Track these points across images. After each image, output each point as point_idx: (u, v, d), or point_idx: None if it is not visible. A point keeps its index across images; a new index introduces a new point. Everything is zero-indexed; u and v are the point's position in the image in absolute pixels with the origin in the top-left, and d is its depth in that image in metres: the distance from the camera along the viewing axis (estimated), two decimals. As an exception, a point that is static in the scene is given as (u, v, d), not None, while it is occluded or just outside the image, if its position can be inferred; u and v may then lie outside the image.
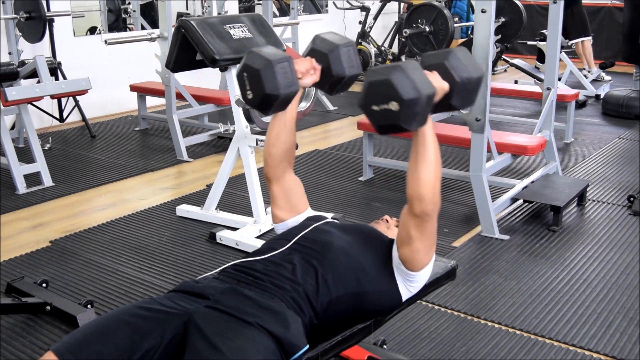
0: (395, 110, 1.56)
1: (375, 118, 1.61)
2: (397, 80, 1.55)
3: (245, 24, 3.50)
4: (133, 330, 1.55)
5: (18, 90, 4.06)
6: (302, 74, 1.87)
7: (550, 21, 4.21)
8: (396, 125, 1.59)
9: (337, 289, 1.73)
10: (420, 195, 1.71)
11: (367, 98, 1.61)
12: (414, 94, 1.55)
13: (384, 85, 1.56)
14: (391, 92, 1.55)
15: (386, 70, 1.59)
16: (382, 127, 1.63)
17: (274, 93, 1.75)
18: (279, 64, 1.75)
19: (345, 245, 1.82)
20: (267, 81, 1.74)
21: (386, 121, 1.59)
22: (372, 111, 1.60)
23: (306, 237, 1.85)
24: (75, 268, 3.13)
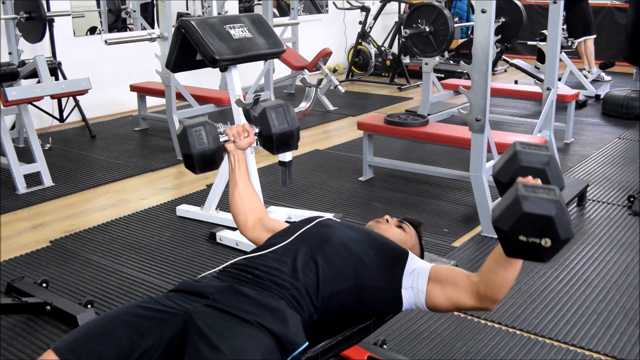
0: (545, 246, 1.44)
1: (518, 247, 1.47)
2: (559, 220, 1.42)
3: (245, 24, 3.49)
4: (133, 330, 1.56)
5: (18, 90, 4.06)
6: (234, 136, 2.08)
7: (550, 21, 4.21)
8: (539, 259, 1.48)
9: (337, 283, 1.73)
10: (498, 300, 1.68)
11: (517, 226, 1.45)
12: (570, 236, 1.44)
13: (543, 222, 1.42)
14: (549, 230, 1.43)
15: (548, 205, 1.43)
16: (519, 255, 1.50)
17: (187, 153, 2.00)
18: (193, 128, 1.99)
19: (346, 239, 1.82)
20: (183, 143, 2.00)
21: (529, 253, 1.47)
22: (517, 241, 1.46)
23: (308, 232, 1.86)
24: (75, 268, 3.13)
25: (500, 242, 1.50)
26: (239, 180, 2.12)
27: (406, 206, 3.90)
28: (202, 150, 2.00)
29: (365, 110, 6.50)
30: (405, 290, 1.80)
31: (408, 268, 1.81)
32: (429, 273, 1.79)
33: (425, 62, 5.67)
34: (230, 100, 3.51)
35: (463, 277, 1.74)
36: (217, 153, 2.04)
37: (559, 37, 4.22)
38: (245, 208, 2.10)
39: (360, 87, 7.80)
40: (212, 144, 2.02)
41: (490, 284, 1.65)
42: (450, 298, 1.75)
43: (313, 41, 7.68)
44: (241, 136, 2.09)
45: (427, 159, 4.72)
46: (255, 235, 2.06)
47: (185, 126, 2.00)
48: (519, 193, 1.44)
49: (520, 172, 1.59)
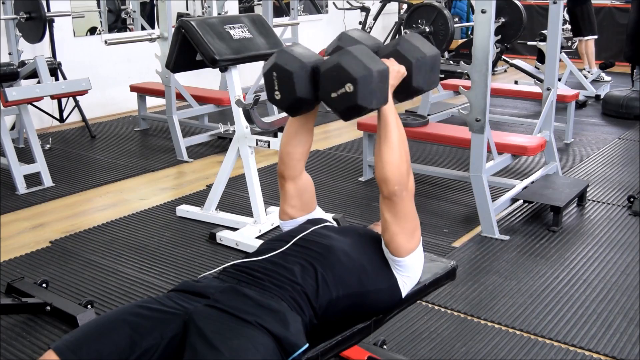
0: (350, 91, 1.61)
1: (336, 105, 1.65)
2: (347, 62, 1.61)
3: (245, 24, 3.50)
4: (133, 330, 1.56)
5: (18, 91, 4.06)
6: None
7: (550, 21, 4.21)
8: (355, 105, 1.63)
9: (338, 290, 1.73)
10: (385, 177, 1.73)
11: (324, 88, 1.65)
12: (364, 72, 1.61)
13: (336, 70, 1.62)
14: (343, 75, 1.61)
15: (335, 56, 1.65)
16: (343, 112, 1.67)
17: (306, 97, 1.72)
18: (313, 68, 1.72)
19: (346, 247, 1.82)
20: (300, 84, 1.70)
21: (346, 104, 1.63)
22: (332, 100, 1.65)
23: (306, 239, 1.85)
24: (75, 268, 3.13)
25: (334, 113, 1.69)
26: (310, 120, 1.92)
27: (406, 206, 3.90)
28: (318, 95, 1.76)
29: (365, 110, 6.49)
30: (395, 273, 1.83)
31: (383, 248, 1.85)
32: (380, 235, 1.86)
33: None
34: (230, 101, 3.51)
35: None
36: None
37: (559, 37, 4.22)
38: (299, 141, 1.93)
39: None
40: None
41: (376, 168, 1.76)
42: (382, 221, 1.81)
43: (313, 41, 7.66)
44: None
45: (427, 159, 4.72)
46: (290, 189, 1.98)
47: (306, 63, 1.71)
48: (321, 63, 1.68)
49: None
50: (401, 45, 1.81)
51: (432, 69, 1.86)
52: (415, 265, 1.85)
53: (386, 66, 1.70)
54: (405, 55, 1.80)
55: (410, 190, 1.77)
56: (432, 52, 1.85)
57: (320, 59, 1.77)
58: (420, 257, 1.86)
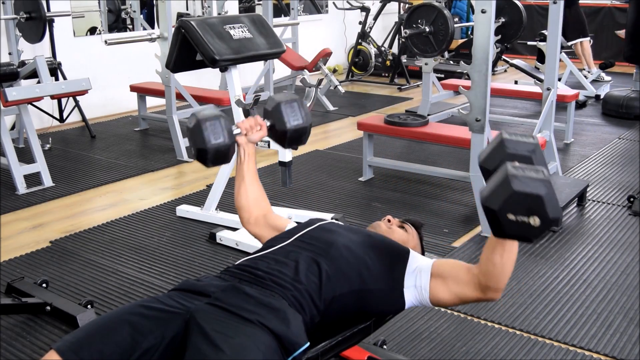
0: (534, 226, 1.45)
1: (507, 226, 1.48)
2: (549, 199, 1.44)
3: (245, 24, 3.50)
4: (134, 329, 1.56)
5: (18, 91, 4.06)
6: (247, 130, 2.02)
7: (550, 21, 4.21)
8: (527, 238, 1.49)
9: (341, 286, 1.73)
10: (500, 289, 1.69)
11: (506, 205, 1.45)
12: (559, 215, 1.46)
13: (533, 200, 1.43)
14: (538, 209, 1.44)
15: (537, 184, 1.44)
16: (509, 235, 1.51)
17: (202, 147, 1.90)
18: (208, 121, 1.90)
19: (349, 243, 1.82)
20: (197, 136, 1.90)
21: (519, 232, 1.48)
22: (506, 220, 1.46)
23: (310, 235, 1.86)
24: (75, 268, 3.13)
25: (489, 222, 1.50)
26: (246, 175, 2.08)
27: (406, 206, 3.90)
28: (217, 145, 1.91)
29: (365, 110, 6.50)
30: (407, 289, 1.80)
31: (410, 267, 1.82)
32: (430, 270, 1.80)
33: (425, 62, 5.67)
34: (230, 101, 3.51)
35: (464, 270, 1.76)
36: (231, 147, 1.97)
37: (559, 37, 4.22)
38: (249, 203, 2.07)
39: (360, 87, 7.80)
40: (228, 138, 1.93)
41: (489, 273, 1.66)
42: (454, 292, 1.76)
43: (313, 41, 7.68)
44: (254, 129, 2.02)
45: (427, 159, 4.72)
46: (257, 231, 2.05)
47: (199, 119, 1.90)
48: (508, 172, 1.46)
49: (507, 159, 1.60)
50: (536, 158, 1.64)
51: None
52: None
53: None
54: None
55: None
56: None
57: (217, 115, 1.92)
58: None
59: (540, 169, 1.48)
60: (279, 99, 2.07)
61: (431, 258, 2.16)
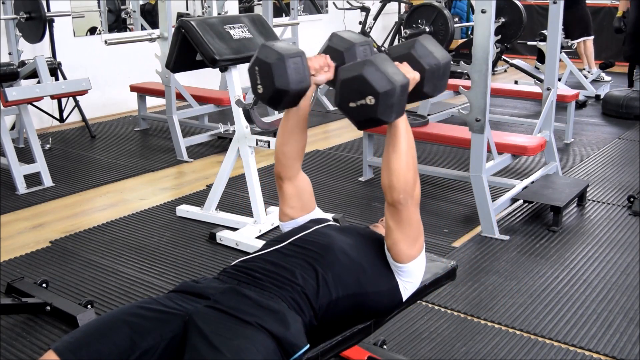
0: (371, 104, 1.58)
1: (354, 115, 1.63)
2: (370, 75, 1.56)
3: (245, 24, 3.50)
4: (133, 330, 1.56)
5: (18, 91, 4.06)
6: (316, 70, 1.84)
7: (550, 21, 4.21)
8: (375, 118, 1.61)
9: (337, 290, 1.73)
10: (391, 184, 1.71)
11: (342, 96, 1.61)
12: (388, 86, 1.57)
13: (358, 81, 1.57)
14: (366, 87, 1.57)
15: (358, 66, 1.59)
16: (360, 122, 1.66)
17: (285, 88, 1.74)
18: (291, 59, 1.73)
19: (346, 247, 1.82)
20: (278, 75, 1.72)
21: (364, 116, 1.61)
22: (349, 108, 1.62)
23: (306, 239, 1.85)
24: (75, 268, 3.13)
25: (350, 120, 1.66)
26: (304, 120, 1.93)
27: (406, 206, 3.90)
28: (300, 88, 1.78)
29: (365, 110, 6.48)
30: (396, 278, 1.82)
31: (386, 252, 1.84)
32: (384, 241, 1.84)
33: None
34: (230, 101, 3.51)
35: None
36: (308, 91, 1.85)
37: (559, 37, 4.22)
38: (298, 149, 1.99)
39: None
40: (309, 79, 1.80)
41: (382, 174, 1.74)
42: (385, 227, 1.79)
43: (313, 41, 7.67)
44: (323, 69, 1.87)
45: (427, 159, 4.72)
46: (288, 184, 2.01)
47: (284, 55, 1.72)
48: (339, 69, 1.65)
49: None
50: (416, 50, 1.77)
51: (443, 75, 1.84)
52: (417, 272, 1.85)
53: (407, 79, 1.66)
54: (419, 61, 1.76)
55: (416, 198, 1.76)
56: (445, 58, 1.81)
57: (300, 52, 1.78)
58: (422, 263, 1.86)
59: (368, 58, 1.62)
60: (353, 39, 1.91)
61: (431, 258, 2.17)
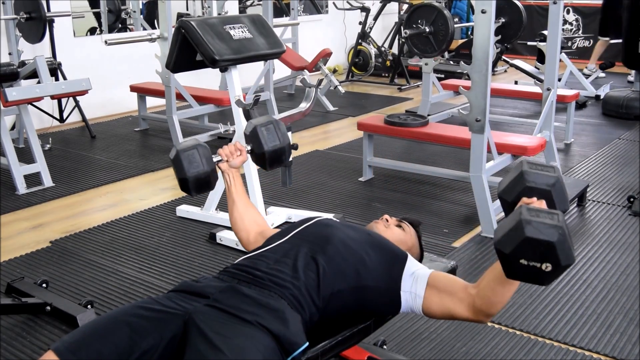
0: (545, 271, 1.45)
1: (518, 270, 1.48)
2: (561, 247, 1.43)
3: (245, 24, 3.50)
4: (133, 330, 1.56)
5: (18, 91, 4.06)
6: (227, 156, 2.12)
7: (550, 22, 4.21)
8: (539, 282, 1.49)
9: (339, 282, 1.73)
10: (493, 315, 1.72)
11: (518, 250, 1.45)
12: (570, 262, 1.45)
13: (545, 247, 1.43)
14: (550, 255, 1.43)
15: (550, 231, 1.43)
16: (519, 277, 1.52)
17: (182, 177, 2.03)
18: (185, 152, 2.02)
19: (346, 238, 1.82)
20: (177, 167, 2.03)
21: (529, 276, 1.48)
22: (518, 264, 1.47)
23: (307, 231, 1.86)
24: (75, 268, 3.13)
25: (501, 263, 1.50)
26: (237, 198, 2.15)
27: (406, 206, 3.90)
28: (196, 173, 2.03)
29: (365, 110, 6.50)
30: (403, 292, 1.80)
31: (407, 271, 1.82)
32: (427, 279, 1.80)
33: (425, 62, 5.67)
34: (230, 101, 3.52)
35: (461, 288, 1.75)
36: (211, 174, 2.08)
37: (559, 38, 4.22)
38: (245, 224, 2.12)
39: (360, 87, 7.80)
40: (206, 165, 2.05)
41: (487, 299, 1.67)
42: (446, 307, 1.76)
43: (313, 41, 7.68)
44: (234, 155, 2.13)
45: (427, 160, 4.72)
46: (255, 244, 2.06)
47: (178, 150, 2.02)
48: (522, 217, 1.45)
49: (526, 192, 1.60)
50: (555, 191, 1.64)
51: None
52: None
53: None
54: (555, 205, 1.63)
55: None
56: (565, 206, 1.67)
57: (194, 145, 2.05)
58: None
59: (555, 212, 1.47)
60: (255, 122, 2.20)
61: (431, 258, 2.17)
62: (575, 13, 9.20)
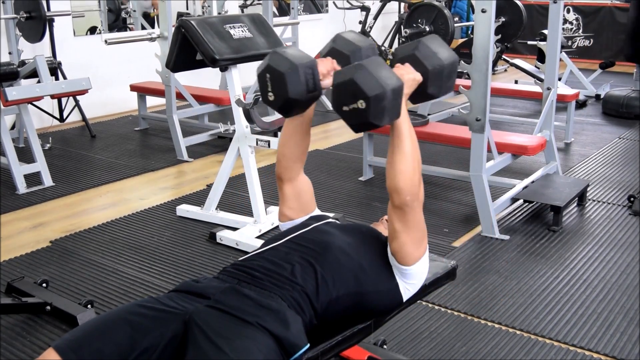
0: (362, 108, 1.58)
1: (347, 118, 1.64)
2: (361, 79, 1.58)
3: (245, 23, 3.50)
4: (133, 329, 1.56)
5: (18, 90, 4.06)
6: (323, 75, 1.81)
7: (551, 21, 4.21)
8: (367, 122, 1.62)
9: (337, 289, 1.73)
10: (397, 187, 1.70)
11: (337, 100, 1.63)
12: (378, 90, 1.58)
13: (349, 85, 1.59)
14: (356, 91, 1.58)
15: (350, 70, 1.62)
16: (354, 125, 1.66)
17: (298, 98, 1.74)
18: (304, 68, 1.73)
19: (345, 246, 1.82)
20: (292, 85, 1.71)
21: (357, 120, 1.62)
22: (343, 112, 1.63)
23: (305, 237, 1.85)
24: (76, 268, 3.13)
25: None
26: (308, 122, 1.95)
27: (406, 206, 3.90)
28: (312, 96, 1.78)
29: (365, 110, 6.48)
30: (397, 278, 1.82)
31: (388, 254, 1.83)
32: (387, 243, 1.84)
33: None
34: (230, 100, 3.51)
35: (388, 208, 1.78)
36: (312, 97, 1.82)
37: (559, 37, 4.22)
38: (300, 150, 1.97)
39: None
40: (320, 87, 1.79)
41: (388, 177, 1.72)
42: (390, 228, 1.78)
43: (313, 41, 7.67)
44: (330, 74, 1.81)
45: (427, 159, 4.69)
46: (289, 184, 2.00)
47: (297, 65, 1.71)
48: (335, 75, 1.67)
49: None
50: (419, 51, 1.77)
51: (449, 76, 1.83)
52: (420, 273, 1.85)
53: (401, 82, 1.65)
54: (423, 62, 1.77)
55: (421, 200, 1.76)
56: (450, 58, 1.81)
57: (313, 61, 1.77)
58: (425, 265, 1.86)
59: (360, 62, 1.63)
60: (358, 42, 1.90)
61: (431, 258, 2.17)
62: (576, 12, 9.20)
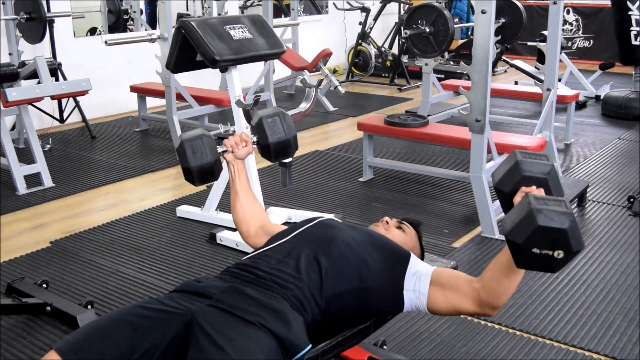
0: (557, 258, 1.46)
1: (530, 259, 1.48)
2: (573, 233, 1.44)
3: (245, 24, 3.50)
4: (134, 330, 1.56)
5: (18, 91, 4.06)
6: (232, 147, 2.11)
7: (550, 22, 4.21)
8: (550, 269, 1.50)
9: (341, 284, 1.73)
10: (499, 307, 1.71)
11: (530, 239, 1.46)
12: (581, 246, 1.47)
13: (557, 234, 1.44)
14: (562, 242, 1.44)
15: (562, 218, 1.44)
16: (530, 266, 1.51)
17: (186, 167, 2.04)
18: (189, 142, 2.03)
19: (349, 240, 1.82)
20: (181, 157, 2.04)
21: (540, 264, 1.48)
22: (530, 253, 1.47)
23: (310, 231, 1.86)
24: (76, 269, 3.13)
25: (512, 254, 1.50)
26: (240, 190, 2.14)
27: (406, 207, 3.90)
28: (200, 164, 2.03)
29: (365, 110, 6.50)
30: (406, 292, 1.80)
31: (410, 270, 1.82)
32: (430, 276, 1.80)
33: (425, 63, 5.67)
34: (230, 101, 3.52)
35: (465, 282, 1.75)
36: (215, 165, 2.08)
37: (559, 38, 4.23)
38: (247, 217, 2.11)
39: (360, 87, 7.80)
40: (210, 156, 2.05)
41: (492, 291, 1.66)
42: (451, 302, 1.76)
43: (313, 42, 7.68)
44: (239, 146, 2.12)
45: (427, 160, 4.72)
46: (258, 242, 2.05)
47: (183, 140, 2.02)
48: (532, 206, 1.45)
49: (523, 182, 1.61)
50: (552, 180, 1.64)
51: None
52: None
53: None
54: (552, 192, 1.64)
55: None
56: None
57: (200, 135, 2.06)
58: None
59: (561, 199, 1.49)
60: (262, 113, 2.19)
61: (431, 259, 2.17)
62: (575, 13, 9.21)
